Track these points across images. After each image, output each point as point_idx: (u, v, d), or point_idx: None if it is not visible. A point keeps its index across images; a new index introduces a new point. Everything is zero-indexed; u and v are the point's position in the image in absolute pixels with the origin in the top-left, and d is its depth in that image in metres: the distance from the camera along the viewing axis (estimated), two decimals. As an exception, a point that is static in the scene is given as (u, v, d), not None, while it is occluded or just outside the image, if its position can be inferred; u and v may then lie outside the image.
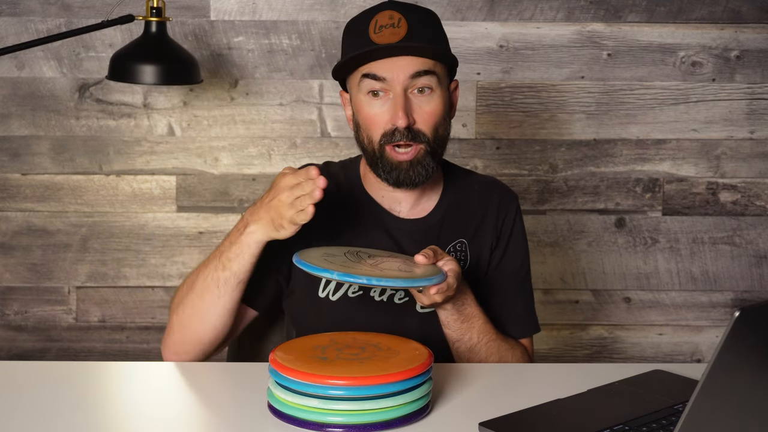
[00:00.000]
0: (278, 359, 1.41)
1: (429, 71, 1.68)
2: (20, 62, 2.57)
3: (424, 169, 1.71)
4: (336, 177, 1.84)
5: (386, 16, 1.69)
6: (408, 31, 1.67)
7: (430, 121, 1.70)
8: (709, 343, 2.73)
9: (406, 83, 1.68)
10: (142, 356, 2.67)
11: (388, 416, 1.38)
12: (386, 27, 1.68)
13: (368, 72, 1.68)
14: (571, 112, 2.64)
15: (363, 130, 1.73)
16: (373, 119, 1.70)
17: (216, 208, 2.64)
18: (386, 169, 1.72)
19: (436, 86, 1.70)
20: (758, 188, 2.68)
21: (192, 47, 2.56)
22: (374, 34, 1.68)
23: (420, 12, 1.73)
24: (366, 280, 1.49)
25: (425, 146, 1.70)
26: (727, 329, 1.08)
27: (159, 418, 1.45)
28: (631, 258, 2.69)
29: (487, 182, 1.89)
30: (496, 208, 1.84)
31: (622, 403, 1.49)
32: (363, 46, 1.68)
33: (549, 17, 2.60)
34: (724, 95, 2.65)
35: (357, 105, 1.73)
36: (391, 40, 1.67)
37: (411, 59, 1.67)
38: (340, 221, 1.80)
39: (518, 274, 1.85)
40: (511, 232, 1.84)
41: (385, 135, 1.70)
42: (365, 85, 1.70)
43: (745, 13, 2.62)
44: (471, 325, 1.71)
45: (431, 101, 1.70)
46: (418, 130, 1.69)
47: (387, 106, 1.69)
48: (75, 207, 2.63)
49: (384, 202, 1.80)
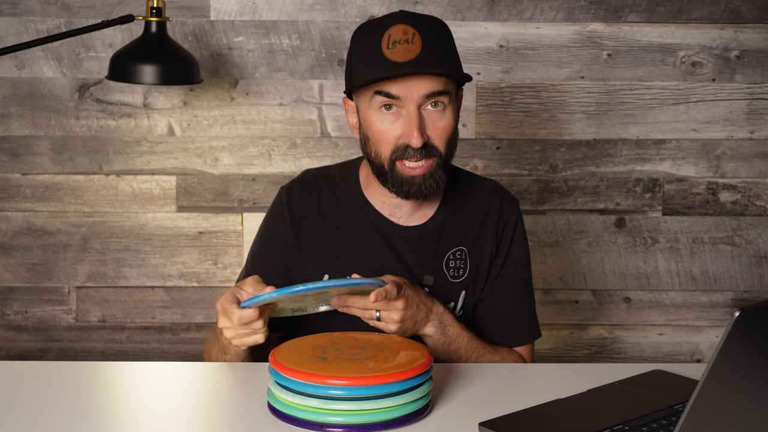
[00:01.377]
0: (278, 359, 1.41)
1: (443, 92, 1.67)
2: (20, 62, 2.57)
3: (435, 182, 1.70)
4: (333, 181, 1.83)
5: (400, 30, 1.66)
6: (423, 48, 1.65)
7: (443, 136, 1.69)
8: (709, 343, 2.73)
9: (420, 101, 1.66)
10: (142, 356, 2.67)
11: (388, 416, 1.38)
12: (400, 43, 1.65)
13: (382, 90, 1.66)
14: (571, 112, 2.64)
15: (372, 143, 1.71)
16: (384, 135, 1.69)
17: (216, 208, 2.64)
18: (396, 182, 1.70)
19: (448, 102, 1.69)
20: (758, 188, 2.68)
21: (192, 47, 2.56)
22: (388, 50, 1.65)
23: (433, 25, 1.70)
24: (303, 287, 1.50)
25: (437, 159, 1.69)
26: (727, 329, 1.08)
27: (159, 418, 1.45)
28: (631, 258, 2.69)
29: (488, 186, 1.87)
30: (496, 214, 1.83)
31: (622, 403, 1.49)
32: (377, 61, 1.66)
33: (549, 17, 2.60)
34: (724, 95, 2.65)
35: (367, 119, 1.71)
36: (406, 57, 1.64)
37: (425, 78, 1.65)
38: (337, 229, 1.79)
39: (520, 281, 1.84)
40: (512, 239, 1.83)
41: (396, 150, 1.68)
42: (377, 101, 1.68)
43: (745, 13, 2.62)
44: (457, 345, 1.72)
45: (444, 117, 1.69)
46: (432, 146, 1.68)
47: (399, 122, 1.67)
48: (75, 207, 2.63)
49: (384, 208, 1.79)
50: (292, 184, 1.84)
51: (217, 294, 2.63)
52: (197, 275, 2.65)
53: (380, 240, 1.78)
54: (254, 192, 2.63)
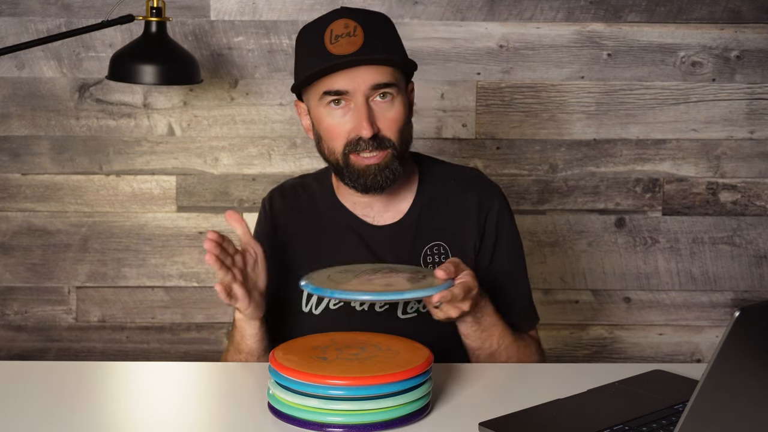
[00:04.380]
0: (278, 359, 1.41)
1: (390, 83, 1.68)
2: (20, 62, 2.57)
3: (391, 173, 1.71)
4: (310, 189, 1.85)
5: (341, 25, 1.67)
6: (365, 40, 1.66)
7: (394, 126, 1.70)
8: (709, 343, 2.73)
9: (368, 93, 1.67)
10: (142, 356, 2.67)
11: (388, 416, 1.38)
12: (342, 36, 1.67)
13: (329, 89, 1.67)
14: (571, 112, 2.64)
15: (324, 141, 1.73)
16: (335, 130, 1.70)
17: (216, 208, 2.64)
18: (353, 176, 1.71)
19: (397, 93, 1.70)
20: (758, 188, 2.68)
21: (192, 47, 2.56)
22: (330, 45, 1.67)
23: (374, 17, 1.72)
24: (371, 296, 1.49)
25: (391, 151, 1.70)
26: (727, 329, 1.08)
27: (159, 418, 1.45)
28: (631, 258, 2.69)
29: (466, 177, 1.86)
30: (476, 205, 1.81)
31: (622, 403, 1.49)
32: (320, 57, 1.67)
33: (549, 17, 2.60)
34: (724, 95, 2.65)
35: (317, 117, 1.73)
36: (349, 49, 1.66)
37: (371, 69, 1.67)
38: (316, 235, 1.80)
39: (514, 268, 1.84)
40: (497, 227, 1.81)
41: (348, 144, 1.69)
42: (326, 99, 1.69)
43: (745, 13, 2.62)
44: (491, 333, 1.70)
45: (393, 108, 1.70)
46: (384, 137, 1.69)
47: (349, 115, 1.69)
48: (75, 207, 2.63)
49: (356, 209, 1.80)
50: (273, 194, 1.87)
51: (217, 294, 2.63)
52: (197, 275, 2.65)
53: (357, 242, 1.78)
54: (254, 192, 2.63)
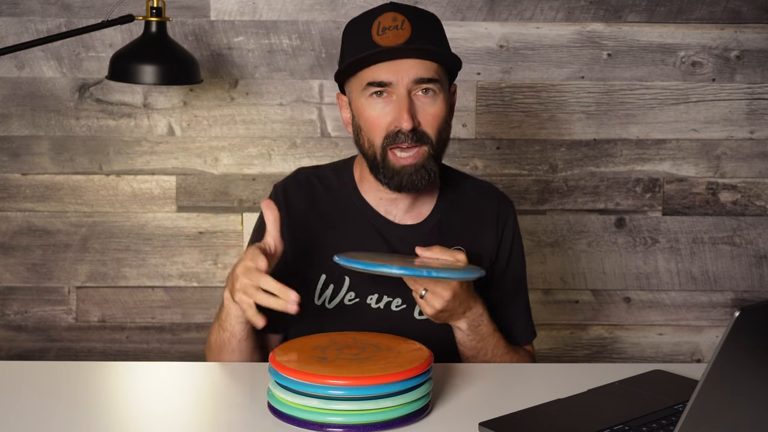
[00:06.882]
0: (278, 359, 1.41)
1: (433, 79, 1.67)
2: (20, 62, 2.57)
3: (427, 173, 1.70)
4: (326, 180, 1.83)
5: (389, 17, 1.67)
6: (412, 34, 1.66)
7: (434, 123, 1.69)
8: (709, 343, 2.73)
9: (411, 86, 1.67)
10: (142, 356, 2.67)
11: (388, 416, 1.38)
12: (390, 29, 1.66)
13: (373, 80, 1.67)
14: (571, 112, 2.64)
15: (364, 132, 1.71)
16: (375, 121, 1.69)
17: (216, 208, 2.64)
18: (388, 174, 1.70)
19: (439, 90, 1.69)
20: (758, 188, 2.68)
21: (192, 47, 2.56)
22: (377, 36, 1.66)
23: (422, 14, 1.72)
24: (427, 273, 1.48)
25: (428, 148, 1.69)
26: (727, 329, 1.08)
27: (159, 418, 1.45)
28: (631, 258, 2.69)
29: (483, 187, 1.88)
30: (495, 215, 1.83)
31: (622, 403, 1.49)
32: (366, 48, 1.67)
33: (549, 17, 2.60)
34: (724, 95, 2.65)
35: (358, 108, 1.72)
36: (395, 41, 1.66)
37: (415, 62, 1.66)
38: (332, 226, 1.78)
39: (520, 282, 1.85)
40: (512, 240, 1.84)
41: (387, 137, 1.68)
42: (369, 89, 1.68)
43: (745, 13, 2.62)
44: (486, 343, 1.71)
45: (435, 103, 1.69)
46: (423, 132, 1.68)
47: (390, 107, 1.68)
48: (75, 207, 2.63)
49: (380, 205, 1.79)
50: (286, 182, 1.84)
51: (217, 294, 2.63)
52: (197, 275, 2.65)
53: (377, 237, 1.77)
54: (254, 192, 2.63)
